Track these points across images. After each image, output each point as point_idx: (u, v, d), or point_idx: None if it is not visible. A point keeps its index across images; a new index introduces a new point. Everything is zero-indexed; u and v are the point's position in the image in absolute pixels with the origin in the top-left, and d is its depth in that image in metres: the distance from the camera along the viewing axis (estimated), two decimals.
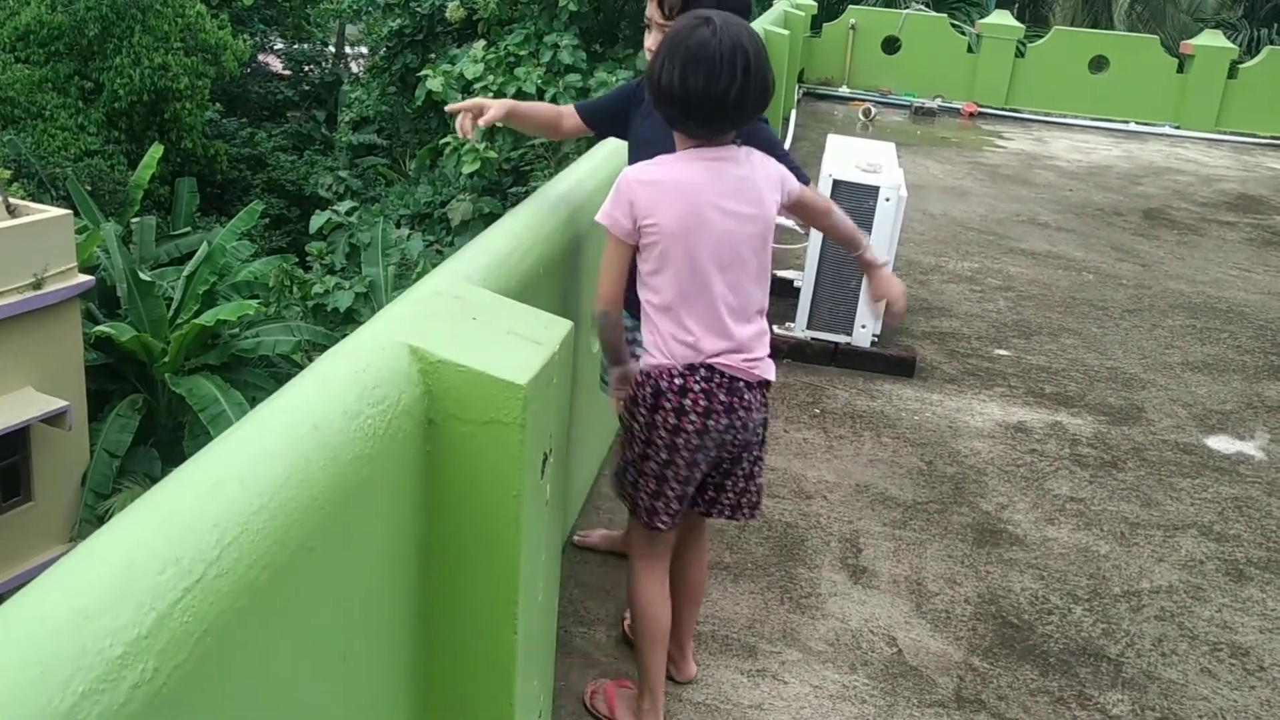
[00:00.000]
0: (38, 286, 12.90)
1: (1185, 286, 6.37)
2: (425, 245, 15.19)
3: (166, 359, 14.77)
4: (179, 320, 15.47)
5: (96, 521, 13.19)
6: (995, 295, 5.91)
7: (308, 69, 30.06)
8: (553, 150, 13.56)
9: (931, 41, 12.63)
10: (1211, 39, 12.48)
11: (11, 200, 13.59)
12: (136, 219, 18.88)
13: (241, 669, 1.14)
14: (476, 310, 1.79)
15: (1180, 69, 12.25)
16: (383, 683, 1.58)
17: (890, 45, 12.75)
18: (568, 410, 2.16)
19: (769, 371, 2.20)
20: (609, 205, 2.12)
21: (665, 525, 2.25)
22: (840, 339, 4.63)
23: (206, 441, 1.57)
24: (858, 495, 3.58)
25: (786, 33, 9.54)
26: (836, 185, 4.37)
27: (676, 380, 2.12)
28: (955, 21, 13.34)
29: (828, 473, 3.72)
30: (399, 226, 16.06)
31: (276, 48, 30.57)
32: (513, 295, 1.98)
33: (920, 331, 5.18)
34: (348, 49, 31.25)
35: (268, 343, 15.06)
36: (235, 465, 1.24)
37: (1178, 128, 12.14)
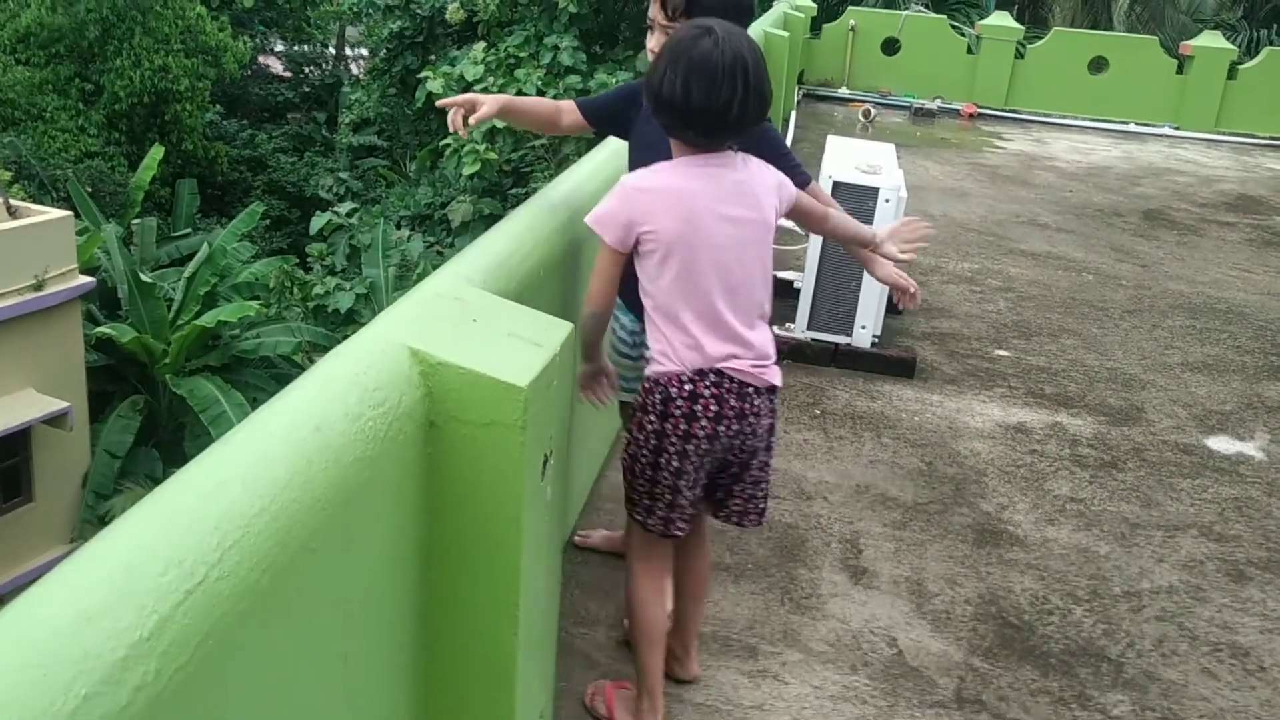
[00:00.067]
0: (38, 288, 12.91)
1: (1185, 287, 6.37)
2: (425, 247, 15.22)
3: (167, 360, 14.78)
4: (180, 321, 15.48)
5: (97, 522, 13.20)
6: (995, 296, 5.91)
7: (308, 71, 30.09)
8: (553, 152, 13.57)
9: (931, 43, 12.64)
10: (1211, 40, 12.49)
11: (12, 202, 13.60)
12: (137, 220, 18.90)
13: (243, 671, 1.14)
14: (477, 312, 1.79)
15: (1180, 70, 12.25)
16: (384, 684, 1.58)
17: (890, 46, 12.76)
18: (568, 412, 2.16)
19: (777, 376, 2.21)
20: (605, 211, 2.12)
21: (682, 532, 2.26)
22: (840, 340, 4.63)
23: (207, 442, 1.58)
24: (858, 496, 3.58)
25: (786, 34, 9.55)
26: (836, 187, 4.37)
27: (686, 386, 2.12)
28: (955, 23, 13.34)
29: (828, 473, 3.73)
30: (399, 228, 16.09)
31: (277, 49, 30.59)
32: (513, 297, 1.98)
33: (920, 332, 5.18)
34: (348, 51, 31.26)
35: (268, 344, 15.07)
36: (237, 467, 1.24)
37: (1177, 128, 12.14)
